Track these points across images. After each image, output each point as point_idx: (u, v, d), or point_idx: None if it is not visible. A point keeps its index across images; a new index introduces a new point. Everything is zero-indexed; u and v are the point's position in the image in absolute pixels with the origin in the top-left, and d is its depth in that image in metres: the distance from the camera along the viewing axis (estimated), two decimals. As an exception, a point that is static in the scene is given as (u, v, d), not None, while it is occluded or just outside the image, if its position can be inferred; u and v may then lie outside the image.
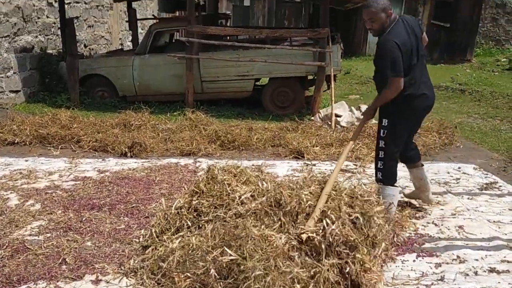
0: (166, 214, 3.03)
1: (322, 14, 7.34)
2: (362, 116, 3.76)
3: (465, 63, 14.41)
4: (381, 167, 3.48)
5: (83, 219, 3.51)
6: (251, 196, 2.87)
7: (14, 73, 7.45)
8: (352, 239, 2.44)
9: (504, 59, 14.03)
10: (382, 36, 3.31)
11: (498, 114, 7.97)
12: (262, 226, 2.56)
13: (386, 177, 3.47)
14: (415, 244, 3.24)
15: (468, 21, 14.53)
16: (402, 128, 3.46)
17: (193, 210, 2.94)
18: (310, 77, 7.97)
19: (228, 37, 8.78)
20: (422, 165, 3.85)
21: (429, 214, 3.78)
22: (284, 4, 16.18)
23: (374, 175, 3.68)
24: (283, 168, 4.92)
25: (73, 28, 7.56)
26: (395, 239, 3.18)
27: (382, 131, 3.44)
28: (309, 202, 2.63)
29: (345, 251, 2.48)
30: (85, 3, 10.05)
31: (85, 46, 10.20)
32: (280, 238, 2.43)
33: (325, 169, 4.88)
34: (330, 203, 2.61)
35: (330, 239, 2.46)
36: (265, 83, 8.24)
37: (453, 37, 14.62)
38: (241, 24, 15.32)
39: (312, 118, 7.22)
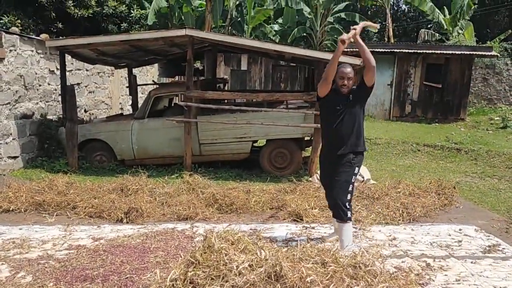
0: (160, 287, 2.92)
1: (316, 78, 7.54)
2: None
3: (459, 122, 14.66)
4: (349, 207, 4.04)
5: (75, 292, 3.38)
6: (249, 266, 2.79)
7: (13, 139, 7.50)
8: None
9: (497, 118, 14.29)
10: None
11: (495, 173, 7.98)
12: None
13: (352, 213, 4.11)
14: (420, 314, 3.12)
15: (459, 82, 14.98)
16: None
17: (188, 282, 2.84)
18: (307, 138, 8.06)
19: (225, 101, 9.00)
20: None
21: (433, 280, 3.66)
22: (280, 68, 16.74)
23: (341, 215, 4.04)
24: (281, 232, 4.83)
25: (74, 95, 7.70)
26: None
27: (353, 177, 4.07)
28: (310, 278, 2.54)
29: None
30: (87, 70, 10.33)
31: (85, 111, 10.36)
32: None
33: (325, 232, 4.80)
34: (332, 275, 2.53)
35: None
36: (263, 144, 8.31)
37: (445, 97, 15.00)
38: (239, 87, 15.73)
39: (310, 179, 7.21)
